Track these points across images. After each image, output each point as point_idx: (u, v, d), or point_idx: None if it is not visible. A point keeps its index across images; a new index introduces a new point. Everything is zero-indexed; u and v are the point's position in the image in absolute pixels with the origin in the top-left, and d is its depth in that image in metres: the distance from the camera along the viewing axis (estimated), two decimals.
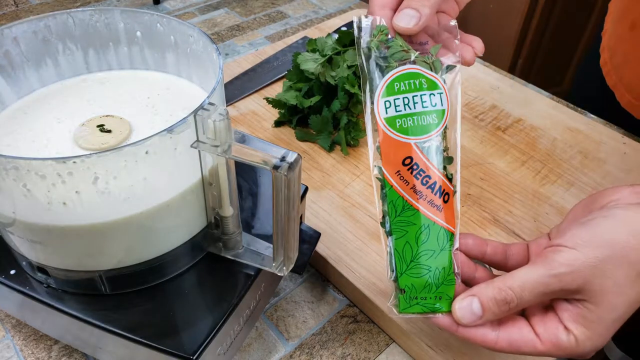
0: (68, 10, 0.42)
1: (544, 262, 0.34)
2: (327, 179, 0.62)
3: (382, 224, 0.38)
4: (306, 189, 0.49)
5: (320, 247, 0.53)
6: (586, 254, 0.33)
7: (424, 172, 0.37)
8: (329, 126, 0.65)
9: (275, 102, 0.67)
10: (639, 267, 0.33)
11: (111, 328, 0.37)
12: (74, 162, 0.30)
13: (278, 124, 0.69)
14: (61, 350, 0.48)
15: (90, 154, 0.30)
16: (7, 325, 0.49)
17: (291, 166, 0.33)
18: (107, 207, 0.33)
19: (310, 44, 0.68)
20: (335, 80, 0.64)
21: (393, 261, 0.38)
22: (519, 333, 0.36)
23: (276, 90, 0.74)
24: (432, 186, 0.37)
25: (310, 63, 0.65)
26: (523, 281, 0.34)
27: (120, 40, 0.44)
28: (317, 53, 0.66)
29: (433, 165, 0.38)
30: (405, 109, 0.38)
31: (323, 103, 0.65)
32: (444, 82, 0.39)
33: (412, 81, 0.38)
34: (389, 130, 0.38)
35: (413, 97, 0.38)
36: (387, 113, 0.38)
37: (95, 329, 0.38)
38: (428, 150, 0.38)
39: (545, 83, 0.94)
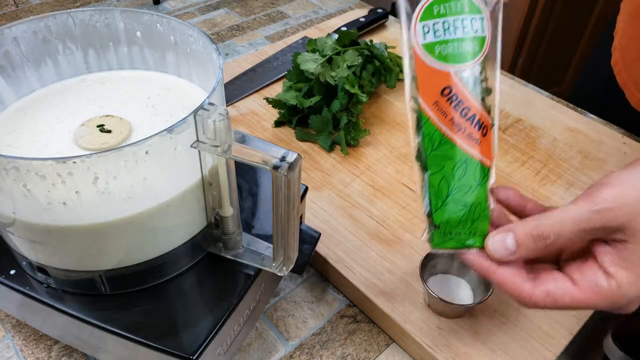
0: (68, 10, 0.41)
1: (586, 199, 0.32)
2: (327, 179, 0.62)
3: (417, 158, 0.37)
4: (306, 189, 0.49)
5: (320, 247, 0.53)
6: (631, 188, 0.32)
7: (463, 103, 0.35)
8: (329, 126, 0.65)
9: (275, 102, 0.67)
10: None
11: (111, 328, 0.37)
12: (74, 162, 0.30)
13: (278, 124, 0.69)
14: (61, 350, 0.48)
15: (90, 154, 0.30)
16: (7, 325, 0.49)
17: (291, 166, 0.33)
18: (107, 207, 0.33)
19: (310, 44, 0.68)
20: (335, 81, 0.64)
21: (427, 196, 0.36)
22: (554, 284, 0.34)
23: (276, 90, 0.74)
24: (472, 118, 0.35)
25: (310, 63, 0.65)
26: (562, 217, 0.33)
27: (120, 40, 0.44)
28: (317, 53, 0.66)
29: (472, 96, 0.36)
30: (445, 34, 0.35)
31: (323, 103, 0.65)
32: (485, 3, 0.36)
33: (452, 3, 0.35)
34: (428, 58, 0.35)
35: (454, 21, 0.35)
36: (425, 39, 0.35)
37: (95, 329, 0.38)
38: (467, 80, 0.35)
39: (545, 83, 0.93)
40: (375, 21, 0.86)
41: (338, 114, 0.64)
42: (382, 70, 0.71)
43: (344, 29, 0.83)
